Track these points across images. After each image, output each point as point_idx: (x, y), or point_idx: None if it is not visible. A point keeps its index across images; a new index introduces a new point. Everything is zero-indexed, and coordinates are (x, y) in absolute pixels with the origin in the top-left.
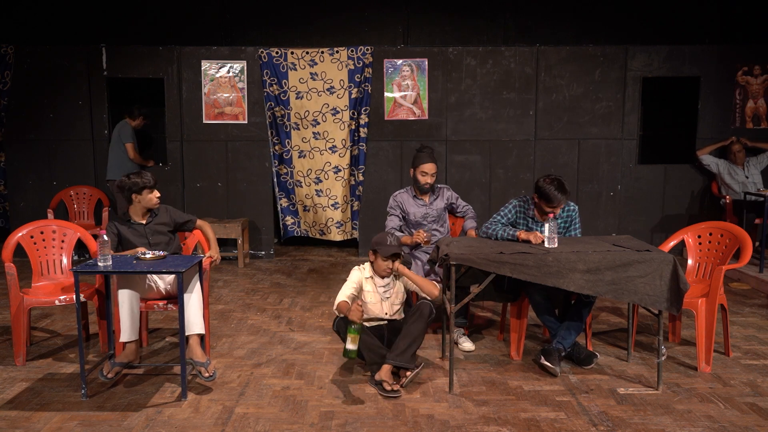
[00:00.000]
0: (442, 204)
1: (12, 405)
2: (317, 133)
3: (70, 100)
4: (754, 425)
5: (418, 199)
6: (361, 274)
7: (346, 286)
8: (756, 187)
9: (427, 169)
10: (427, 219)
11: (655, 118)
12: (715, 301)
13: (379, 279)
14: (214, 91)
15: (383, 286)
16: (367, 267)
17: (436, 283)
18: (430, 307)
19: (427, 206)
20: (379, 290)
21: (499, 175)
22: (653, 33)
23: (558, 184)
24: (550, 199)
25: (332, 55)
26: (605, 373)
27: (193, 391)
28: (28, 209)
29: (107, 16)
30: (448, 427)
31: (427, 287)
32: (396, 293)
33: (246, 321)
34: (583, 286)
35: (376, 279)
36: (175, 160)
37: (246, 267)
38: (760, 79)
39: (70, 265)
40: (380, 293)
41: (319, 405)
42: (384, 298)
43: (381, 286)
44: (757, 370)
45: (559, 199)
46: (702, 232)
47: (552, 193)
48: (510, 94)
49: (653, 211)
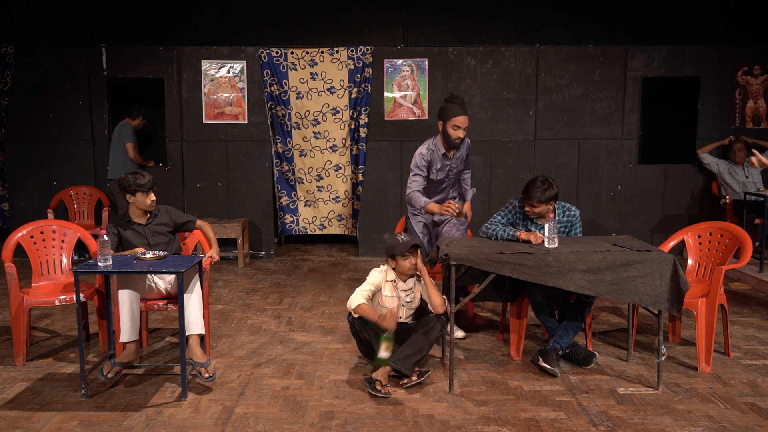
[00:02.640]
0: (464, 154)
1: (12, 405)
2: (318, 133)
3: (70, 100)
4: (754, 425)
5: (445, 156)
6: (381, 276)
7: (364, 286)
8: (756, 187)
9: (460, 123)
10: (449, 175)
11: (655, 118)
12: (715, 301)
13: (402, 283)
14: (214, 91)
15: (405, 290)
16: (388, 270)
17: (446, 299)
18: (442, 326)
19: (452, 161)
20: (400, 295)
21: (499, 175)
22: (653, 33)
23: (542, 183)
24: (528, 194)
25: (332, 55)
26: (605, 373)
27: (193, 391)
28: (28, 209)
29: (107, 16)
30: (448, 427)
31: (437, 301)
32: (414, 299)
33: (246, 321)
34: (584, 286)
35: (399, 283)
36: (175, 160)
37: (246, 267)
38: (760, 79)
39: (70, 265)
40: (401, 298)
41: (319, 405)
42: (404, 303)
43: (403, 290)
44: (757, 370)
45: (537, 197)
46: (702, 232)
47: (531, 190)
48: (510, 94)
49: (653, 211)
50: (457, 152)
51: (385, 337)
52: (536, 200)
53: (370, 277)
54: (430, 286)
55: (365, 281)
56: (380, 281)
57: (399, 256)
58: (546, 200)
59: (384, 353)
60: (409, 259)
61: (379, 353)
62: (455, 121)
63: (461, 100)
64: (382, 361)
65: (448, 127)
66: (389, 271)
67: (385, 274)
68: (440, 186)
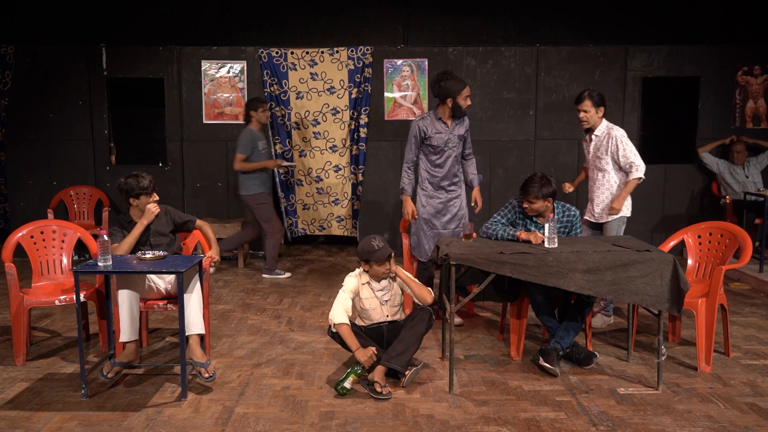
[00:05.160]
0: (462, 131)
1: (12, 405)
2: (317, 133)
3: (70, 100)
4: (754, 425)
5: (442, 123)
6: (356, 281)
7: (343, 297)
8: (756, 187)
9: (468, 92)
10: (448, 145)
11: (655, 118)
12: (715, 301)
13: (376, 283)
14: (214, 91)
15: (381, 290)
16: (361, 273)
17: (430, 290)
18: (430, 313)
19: (449, 132)
20: (377, 294)
21: (499, 175)
22: (653, 33)
23: (540, 179)
24: (525, 190)
25: (332, 55)
26: (605, 373)
27: (193, 391)
28: (28, 209)
29: (107, 16)
30: (448, 427)
31: (421, 293)
32: (394, 295)
33: (246, 321)
34: (584, 286)
35: (373, 284)
36: (175, 160)
37: (246, 267)
38: (760, 79)
39: (70, 265)
40: (379, 297)
41: (319, 405)
42: (383, 302)
43: (379, 290)
44: (757, 370)
45: (534, 192)
46: (702, 232)
47: (529, 185)
48: (510, 94)
49: (653, 211)
50: (454, 123)
51: (355, 371)
52: (533, 196)
53: (346, 285)
54: (410, 282)
55: (341, 290)
56: (356, 286)
57: (374, 262)
58: (543, 196)
59: (348, 385)
60: (384, 265)
61: (343, 383)
62: (465, 92)
63: (455, 73)
64: (344, 389)
65: (460, 100)
66: (362, 274)
67: (359, 277)
68: (442, 156)
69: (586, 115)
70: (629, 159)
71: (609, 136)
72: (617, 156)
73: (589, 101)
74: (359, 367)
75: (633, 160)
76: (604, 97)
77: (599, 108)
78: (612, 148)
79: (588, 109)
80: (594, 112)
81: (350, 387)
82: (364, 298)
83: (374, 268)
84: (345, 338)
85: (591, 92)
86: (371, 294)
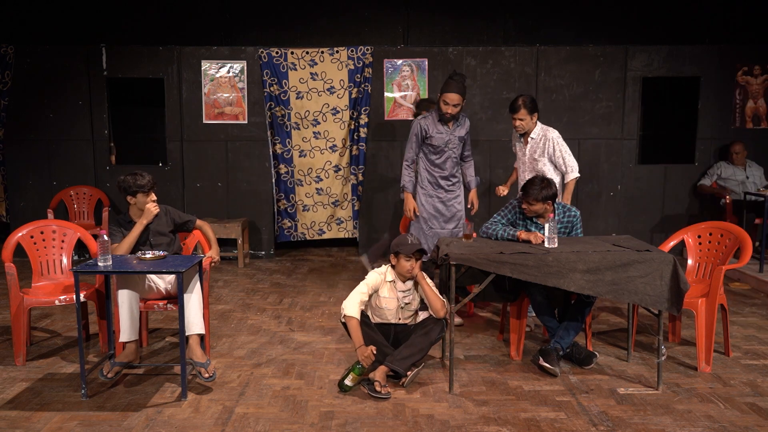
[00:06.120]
0: (463, 132)
1: (12, 405)
2: (317, 133)
3: (70, 100)
4: (754, 425)
5: (443, 124)
6: (380, 278)
7: (362, 290)
8: (756, 187)
9: (450, 99)
10: (449, 146)
11: (655, 118)
12: (715, 301)
13: (401, 284)
14: (214, 91)
15: (404, 291)
16: (387, 271)
17: (445, 303)
18: (441, 328)
19: (449, 133)
20: (399, 295)
21: (499, 175)
22: (653, 33)
23: (541, 182)
24: (526, 192)
25: (332, 55)
26: (605, 373)
27: (193, 391)
28: (28, 209)
29: (107, 16)
30: (448, 427)
31: (436, 305)
32: (413, 300)
33: (246, 321)
34: (584, 286)
35: (398, 284)
36: (175, 160)
37: (246, 267)
38: (760, 79)
39: (70, 265)
40: (399, 299)
41: (319, 405)
42: (402, 305)
43: (402, 291)
44: (757, 370)
45: (534, 194)
46: (702, 232)
47: (530, 187)
48: (510, 94)
49: (653, 211)
50: (455, 125)
51: (357, 369)
52: (533, 197)
53: (367, 279)
54: (429, 291)
55: (363, 282)
56: (378, 282)
57: (402, 255)
58: (543, 199)
59: (349, 383)
60: (411, 261)
61: (345, 379)
62: (445, 97)
63: (461, 79)
64: (346, 387)
65: (440, 101)
66: (389, 272)
67: (384, 275)
68: (442, 156)
69: (522, 123)
70: (565, 160)
71: (545, 138)
72: (554, 157)
73: (524, 110)
74: (360, 365)
75: (568, 161)
76: (536, 101)
77: (533, 114)
78: (549, 150)
79: (524, 117)
80: (530, 119)
81: (352, 384)
82: (383, 297)
83: (401, 262)
84: (351, 332)
85: (525, 100)
86: (393, 294)
